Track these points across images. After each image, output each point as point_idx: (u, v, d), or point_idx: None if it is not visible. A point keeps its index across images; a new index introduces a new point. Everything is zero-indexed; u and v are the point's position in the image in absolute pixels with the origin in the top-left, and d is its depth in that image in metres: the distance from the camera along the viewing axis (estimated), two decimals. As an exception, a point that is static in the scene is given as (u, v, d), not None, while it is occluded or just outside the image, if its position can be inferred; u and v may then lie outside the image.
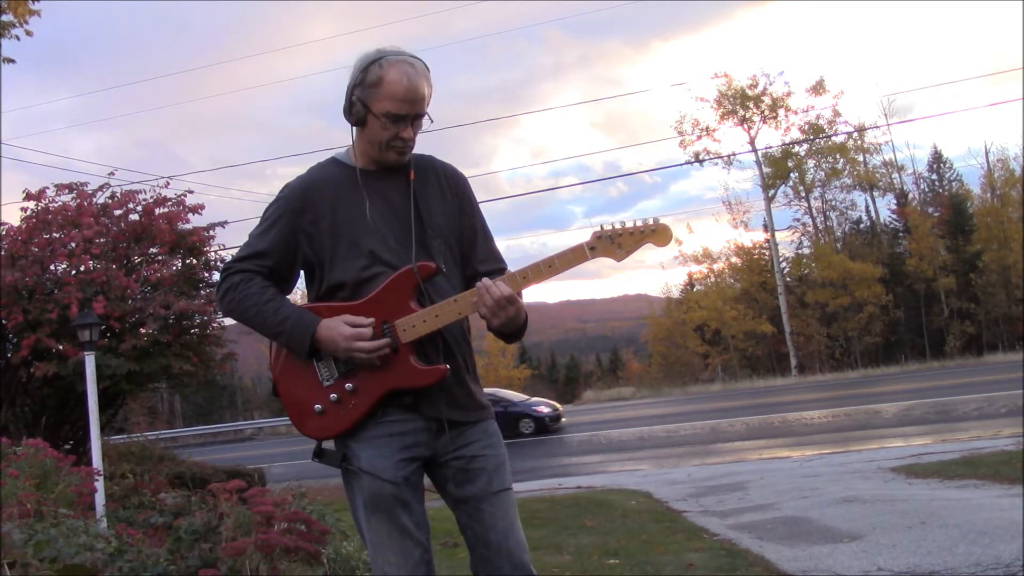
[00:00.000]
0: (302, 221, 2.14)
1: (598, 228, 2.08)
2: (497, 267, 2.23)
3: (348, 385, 2.09)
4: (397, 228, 2.13)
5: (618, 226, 2.08)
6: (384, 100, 2.06)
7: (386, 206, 2.14)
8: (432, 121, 2.14)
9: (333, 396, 2.09)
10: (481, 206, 2.31)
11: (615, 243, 2.07)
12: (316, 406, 2.11)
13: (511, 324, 2.09)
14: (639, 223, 2.08)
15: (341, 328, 2.04)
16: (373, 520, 2.08)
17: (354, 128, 2.16)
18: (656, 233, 2.07)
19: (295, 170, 2.31)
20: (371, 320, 2.05)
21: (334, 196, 2.14)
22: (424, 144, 2.22)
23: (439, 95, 2.18)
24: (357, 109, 2.10)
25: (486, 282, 2.05)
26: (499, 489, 2.15)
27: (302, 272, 2.22)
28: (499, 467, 2.17)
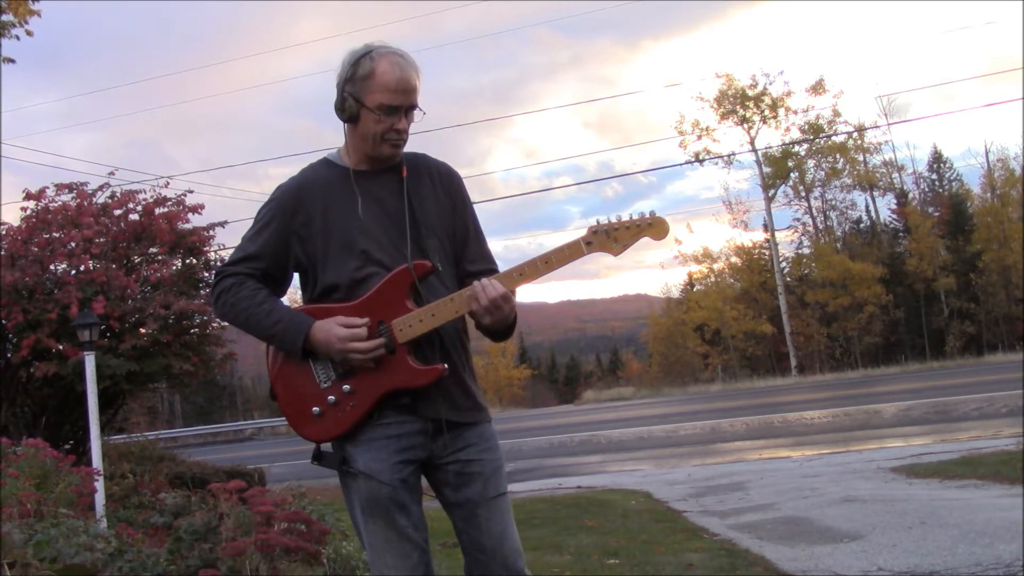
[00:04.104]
0: (294, 223, 2.13)
1: (594, 223, 2.07)
2: (487, 267, 2.23)
3: (346, 387, 2.08)
4: (390, 228, 2.12)
5: (614, 220, 2.07)
6: (376, 92, 2.06)
7: (379, 206, 2.13)
8: (424, 113, 2.14)
9: (331, 398, 2.08)
10: (476, 207, 2.31)
11: (611, 237, 2.06)
12: (314, 409, 2.10)
13: (502, 322, 2.09)
14: (635, 217, 2.07)
15: (335, 329, 2.03)
16: (371, 523, 2.08)
17: (346, 126, 2.15)
18: (653, 227, 2.06)
19: (286, 170, 2.31)
20: (365, 320, 2.04)
21: (326, 197, 2.13)
22: (417, 144, 2.22)
23: (432, 95, 2.19)
24: (349, 104, 2.09)
25: (484, 280, 2.04)
26: (495, 494, 2.14)
27: (296, 274, 2.22)
28: (495, 472, 2.16)
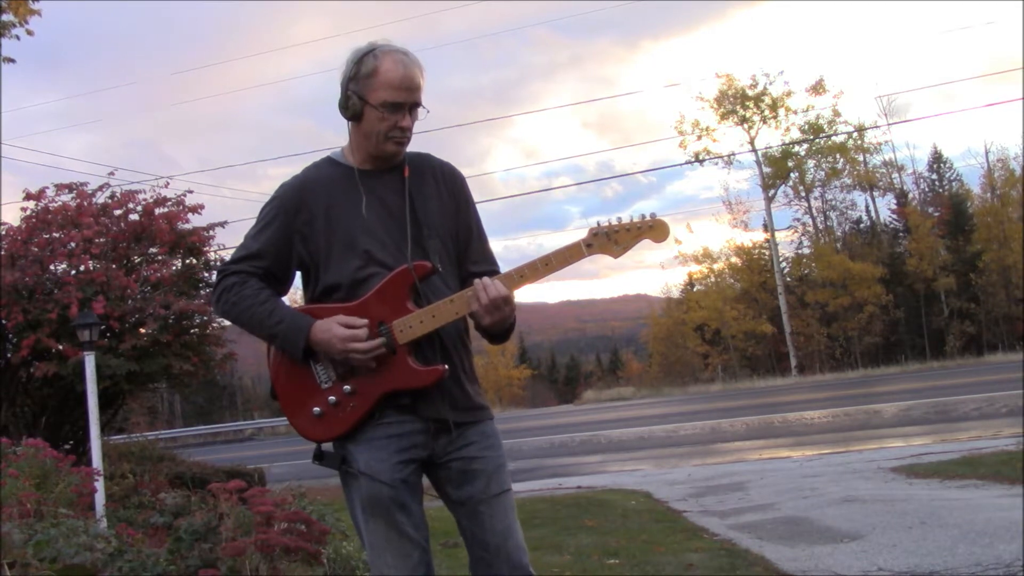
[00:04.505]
0: (297, 221, 2.12)
1: (595, 225, 2.07)
2: (490, 269, 2.22)
3: (346, 387, 2.08)
4: (393, 228, 2.11)
5: (615, 222, 2.06)
6: (380, 90, 2.06)
7: (381, 205, 2.12)
8: (428, 112, 2.13)
9: (331, 399, 2.08)
10: (476, 207, 2.31)
11: (612, 240, 2.05)
12: (315, 409, 2.10)
13: (501, 324, 2.09)
14: (636, 219, 2.06)
15: (336, 329, 2.03)
16: (371, 522, 2.08)
17: (349, 124, 2.15)
18: (653, 229, 2.05)
19: (286, 170, 2.31)
20: (365, 320, 2.04)
21: (329, 196, 2.13)
22: (416, 144, 2.22)
23: (432, 95, 2.19)
24: (353, 102, 2.09)
25: (484, 280, 2.04)
26: (498, 491, 2.14)
27: (298, 273, 2.22)
28: (498, 469, 2.16)
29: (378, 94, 2.06)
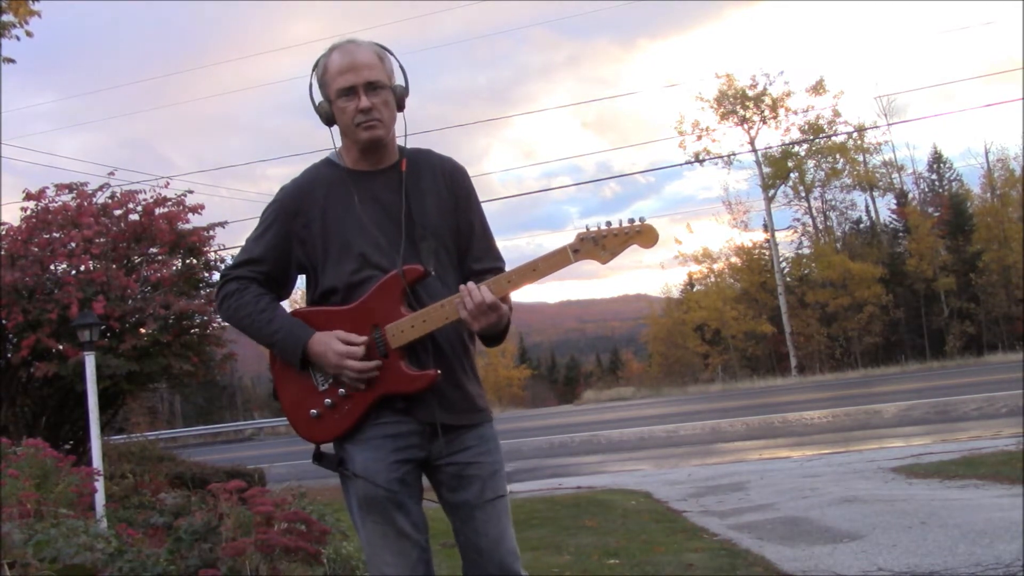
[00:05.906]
0: (295, 225, 2.12)
1: (583, 229, 2.03)
2: (494, 265, 2.20)
3: (341, 390, 2.08)
4: (389, 228, 2.09)
5: (603, 227, 2.02)
6: (333, 82, 2.08)
7: (377, 206, 2.11)
8: (394, 89, 2.10)
9: (328, 401, 2.09)
10: (476, 205, 2.29)
11: (599, 245, 2.01)
12: (312, 411, 2.10)
13: (491, 329, 2.06)
14: (624, 224, 2.01)
15: (334, 344, 2.03)
16: (368, 522, 2.08)
17: (333, 130, 2.15)
18: (641, 234, 2.00)
19: (284, 171, 2.32)
20: (364, 339, 2.04)
21: (326, 198, 2.12)
22: (414, 144, 2.21)
23: (428, 95, 2.18)
24: (323, 107, 2.13)
25: (470, 286, 2.01)
26: (492, 497, 2.13)
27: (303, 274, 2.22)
28: (494, 474, 2.15)
29: (332, 87, 2.09)
